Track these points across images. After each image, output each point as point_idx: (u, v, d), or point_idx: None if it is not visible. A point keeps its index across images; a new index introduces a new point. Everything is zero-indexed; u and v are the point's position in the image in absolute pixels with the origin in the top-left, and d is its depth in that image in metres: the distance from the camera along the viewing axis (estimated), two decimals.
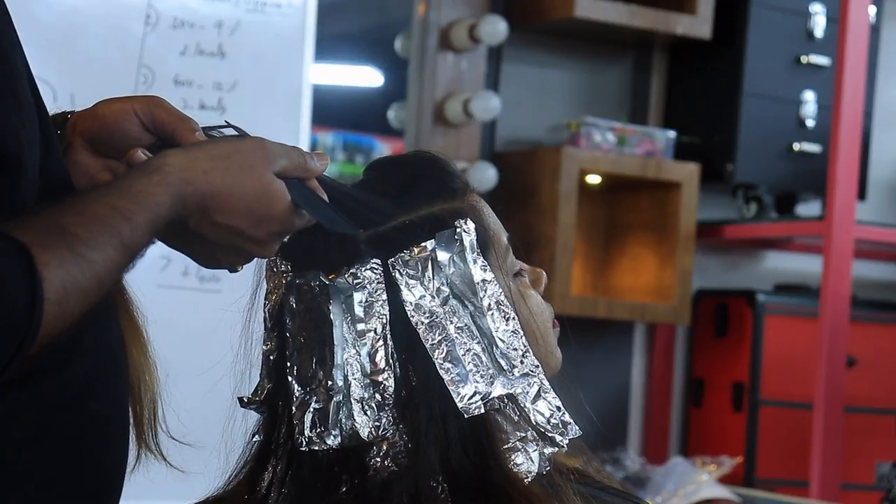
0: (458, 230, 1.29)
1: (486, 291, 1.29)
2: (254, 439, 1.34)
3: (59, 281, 1.08)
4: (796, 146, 4.11)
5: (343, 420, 1.27)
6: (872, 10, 4.02)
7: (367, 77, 5.22)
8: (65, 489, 1.20)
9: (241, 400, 1.34)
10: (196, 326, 2.94)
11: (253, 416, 1.36)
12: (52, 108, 1.29)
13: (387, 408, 1.27)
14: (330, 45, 4.17)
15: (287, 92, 3.17)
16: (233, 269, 1.28)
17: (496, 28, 3.79)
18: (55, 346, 1.11)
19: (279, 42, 3.18)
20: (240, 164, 1.20)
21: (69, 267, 1.09)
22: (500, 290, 1.29)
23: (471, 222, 1.30)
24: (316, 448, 1.27)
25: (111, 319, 1.26)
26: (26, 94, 1.19)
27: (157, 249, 1.28)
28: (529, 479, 1.27)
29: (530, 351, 1.29)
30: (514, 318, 1.29)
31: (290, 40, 3.19)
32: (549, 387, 1.30)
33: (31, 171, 1.17)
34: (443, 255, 1.28)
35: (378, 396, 1.27)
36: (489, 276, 1.29)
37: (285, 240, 1.27)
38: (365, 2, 4.95)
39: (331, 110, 4.45)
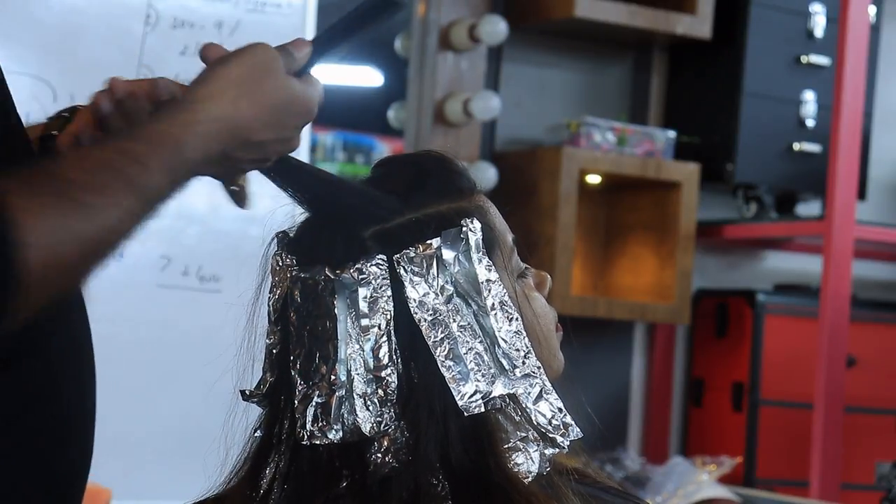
0: (465, 229, 1.29)
1: (490, 291, 1.29)
2: (255, 434, 1.34)
3: (46, 225, 1.04)
4: (796, 146, 4.11)
5: (345, 415, 1.27)
6: (872, 10, 4.02)
7: (367, 77, 5.22)
8: (25, 485, 1.20)
9: (242, 393, 1.34)
10: (196, 326, 2.94)
11: (252, 416, 1.36)
12: (52, 108, 1.29)
13: (389, 404, 1.27)
14: None
15: None
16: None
17: (496, 28, 3.79)
18: (67, 294, 1.09)
19: (279, 42, 3.18)
20: (257, 80, 1.21)
21: (59, 212, 1.05)
22: (504, 291, 1.30)
23: (477, 222, 1.30)
24: (317, 442, 1.27)
25: (77, 314, 1.25)
26: None
27: (157, 249, 1.28)
28: (529, 479, 1.28)
29: (532, 352, 1.29)
30: (517, 319, 1.29)
31: (289, 40, 3.19)
32: (551, 388, 1.30)
33: None
34: (448, 254, 1.29)
35: (381, 392, 1.27)
36: (494, 276, 1.29)
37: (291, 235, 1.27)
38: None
39: (331, 110, 4.44)
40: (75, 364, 1.25)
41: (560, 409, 1.29)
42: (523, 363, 1.29)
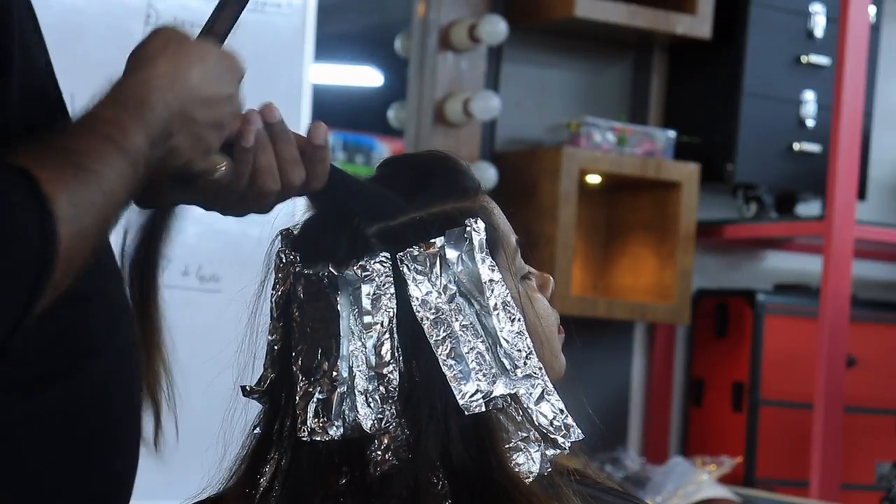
0: (469, 229, 1.29)
1: (492, 291, 1.29)
2: (254, 432, 1.34)
3: (67, 196, 1.05)
4: (796, 146, 4.11)
5: (346, 411, 1.27)
6: (872, 10, 4.02)
7: (367, 77, 5.22)
8: (75, 493, 1.20)
9: (243, 389, 1.34)
10: (195, 326, 2.94)
11: (251, 416, 1.36)
12: None
13: (390, 401, 1.27)
14: (330, 44, 4.17)
15: (287, 92, 3.17)
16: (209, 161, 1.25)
17: (496, 28, 3.79)
18: (80, 271, 1.08)
19: (279, 42, 3.18)
20: (181, 42, 1.22)
21: (73, 180, 1.06)
22: (507, 291, 1.30)
23: (481, 222, 1.30)
24: (318, 439, 1.27)
25: (124, 321, 1.25)
26: None
27: None
28: (530, 480, 1.28)
29: (534, 353, 1.30)
30: (519, 320, 1.29)
31: (290, 40, 3.19)
32: (553, 389, 1.30)
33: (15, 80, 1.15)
34: (452, 253, 1.29)
35: (382, 389, 1.27)
36: (497, 276, 1.30)
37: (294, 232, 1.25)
38: (365, 2, 4.95)
39: (331, 110, 4.45)
40: (125, 370, 1.25)
41: (561, 411, 1.30)
42: (525, 363, 1.29)
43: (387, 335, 1.27)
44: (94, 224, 1.08)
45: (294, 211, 1.38)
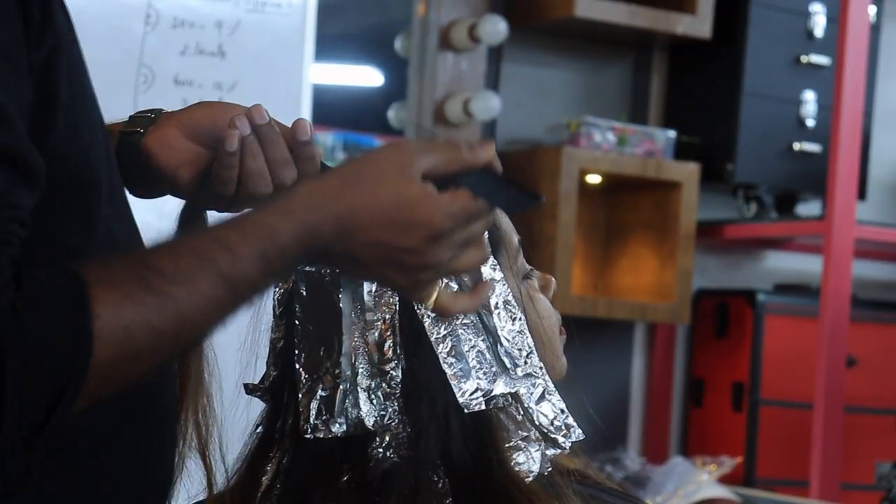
0: None
1: (494, 290, 1.29)
2: (256, 431, 1.34)
3: (119, 319, 1.02)
4: (796, 146, 4.11)
5: (349, 408, 1.27)
6: (872, 9, 4.02)
7: (367, 77, 5.21)
8: (125, 496, 1.20)
9: (246, 387, 1.34)
10: None
11: (253, 415, 1.36)
12: None
13: (392, 398, 1.27)
14: (330, 44, 4.16)
15: (287, 92, 3.17)
16: (419, 293, 1.20)
17: (496, 28, 3.79)
18: (136, 384, 1.07)
19: (279, 42, 3.18)
20: (370, 177, 1.14)
21: (136, 303, 1.03)
22: (509, 291, 1.30)
23: None
24: (321, 435, 1.27)
25: None
26: (97, 110, 1.18)
27: None
28: (530, 479, 1.28)
29: (535, 352, 1.30)
30: (520, 319, 1.30)
31: (290, 40, 3.19)
32: (554, 389, 1.30)
33: (105, 189, 1.15)
34: None
35: (385, 386, 1.27)
36: (498, 275, 1.30)
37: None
38: (365, 2, 4.95)
39: (331, 110, 4.44)
40: (169, 376, 1.26)
41: (562, 411, 1.30)
42: (525, 362, 1.29)
43: (389, 332, 1.28)
44: (153, 347, 1.04)
45: None
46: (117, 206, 1.20)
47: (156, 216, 1.31)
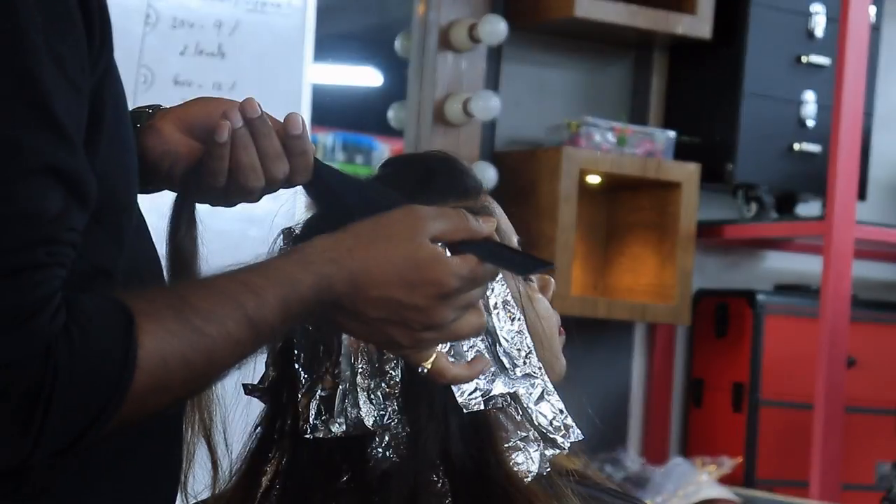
0: None
1: (493, 290, 1.29)
2: (256, 431, 1.34)
3: (159, 351, 1.05)
4: (796, 146, 4.11)
5: (348, 408, 1.27)
6: (872, 9, 4.02)
7: (367, 77, 5.22)
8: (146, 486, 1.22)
9: (245, 387, 1.34)
10: None
11: (253, 415, 1.36)
12: None
13: (392, 398, 1.27)
14: (330, 45, 4.17)
15: (287, 92, 3.17)
16: (418, 355, 1.22)
17: (496, 28, 3.79)
18: (159, 414, 1.10)
19: (279, 42, 3.18)
20: (385, 236, 1.17)
21: (176, 337, 1.06)
22: (508, 291, 1.30)
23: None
24: (320, 435, 1.27)
25: None
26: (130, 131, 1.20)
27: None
28: (529, 479, 1.28)
29: (534, 352, 1.30)
30: (519, 319, 1.30)
31: (290, 40, 3.19)
32: (553, 389, 1.30)
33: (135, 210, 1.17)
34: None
35: (384, 386, 1.27)
36: (498, 275, 1.30)
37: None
38: (365, 2, 4.95)
39: (331, 110, 4.45)
40: None
41: (561, 411, 1.30)
42: (524, 363, 1.29)
43: None
44: (184, 381, 1.08)
45: (294, 210, 1.38)
46: (139, 222, 1.22)
47: (157, 217, 1.31)
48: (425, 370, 1.23)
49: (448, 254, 1.19)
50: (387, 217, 1.19)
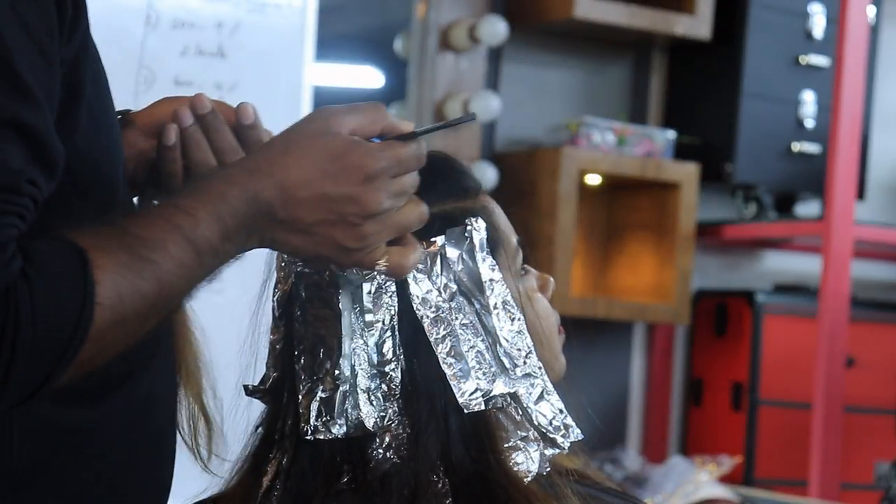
0: (469, 228, 1.30)
1: (493, 290, 1.29)
2: (257, 431, 1.34)
3: (115, 284, 1.05)
4: (795, 146, 4.12)
5: (349, 410, 1.28)
6: (872, 10, 4.02)
7: (367, 77, 5.22)
8: (127, 497, 1.21)
9: (245, 388, 1.34)
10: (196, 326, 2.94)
11: (253, 415, 1.36)
12: None
13: (392, 399, 1.28)
14: (330, 45, 4.17)
15: (287, 92, 3.18)
16: (370, 255, 1.19)
17: (496, 28, 3.79)
18: (116, 360, 1.09)
19: (279, 42, 3.19)
20: (298, 140, 1.16)
21: (126, 269, 1.06)
22: (507, 291, 1.30)
23: (482, 221, 1.31)
24: (321, 437, 1.28)
25: (165, 329, 1.26)
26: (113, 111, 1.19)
27: None
28: (529, 479, 1.28)
29: (534, 352, 1.30)
30: (519, 319, 1.30)
31: (290, 40, 3.20)
32: (553, 389, 1.30)
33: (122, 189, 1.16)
34: (452, 252, 1.29)
35: (384, 387, 1.28)
36: (497, 275, 1.30)
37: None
38: (365, 2, 4.95)
39: None
40: (169, 378, 1.26)
41: (561, 410, 1.30)
42: (524, 363, 1.29)
43: (388, 333, 1.28)
44: (138, 313, 1.07)
45: None
46: (127, 202, 1.22)
47: None
48: (383, 269, 1.21)
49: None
50: (298, 123, 1.18)
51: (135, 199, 1.32)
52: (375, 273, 1.23)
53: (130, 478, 1.21)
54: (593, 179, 3.98)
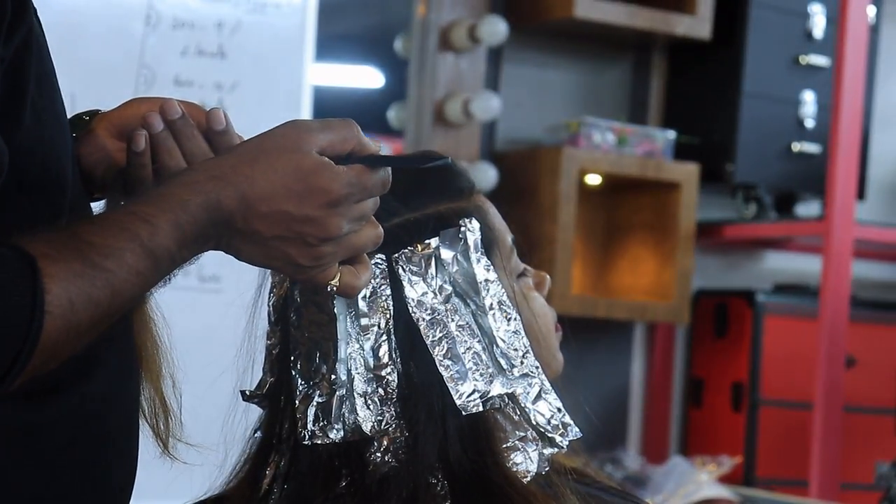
0: (463, 229, 1.30)
1: (488, 291, 1.29)
2: (255, 435, 1.34)
3: (66, 293, 1.04)
4: (796, 146, 4.12)
5: (346, 414, 1.27)
6: (872, 10, 4.02)
7: (367, 77, 5.22)
8: (86, 495, 1.20)
9: (242, 393, 1.34)
10: (196, 326, 2.94)
11: (252, 415, 1.36)
12: None
13: (389, 402, 1.27)
14: (330, 45, 4.17)
15: (287, 92, 3.18)
16: (322, 274, 1.18)
17: (496, 28, 3.79)
18: (69, 358, 1.09)
19: (279, 42, 3.19)
20: (268, 150, 1.15)
21: (79, 277, 1.05)
22: (503, 291, 1.30)
23: (476, 222, 1.30)
24: (318, 442, 1.27)
25: (125, 328, 1.25)
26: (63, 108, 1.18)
27: None
28: (528, 479, 1.28)
29: (531, 352, 1.30)
30: (515, 319, 1.30)
31: (290, 40, 3.20)
32: (550, 388, 1.30)
33: (72, 188, 1.15)
34: (447, 254, 1.29)
35: (381, 391, 1.27)
36: (492, 275, 1.30)
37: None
38: (365, 2, 4.95)
39: (331, 110, 4.45)
40: (126, 378, 1.25)
41: (559, 409, 1.30)
42: (521, 363, 1.29)
43: (384, 337, 1.28)
44: (91, 320, 1.07)
45: None
46: (81, 210, 1.21)
47: None
48: (334, 289, 1.20)
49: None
50: (270, 132, 1.17)
51: (102, 202, 1.31)
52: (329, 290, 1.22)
53: (86, 478, 1.20)
54: (593, 179, 3.98)
